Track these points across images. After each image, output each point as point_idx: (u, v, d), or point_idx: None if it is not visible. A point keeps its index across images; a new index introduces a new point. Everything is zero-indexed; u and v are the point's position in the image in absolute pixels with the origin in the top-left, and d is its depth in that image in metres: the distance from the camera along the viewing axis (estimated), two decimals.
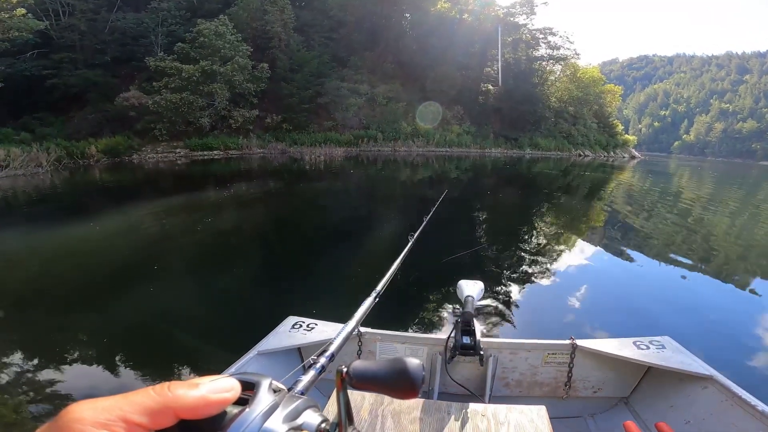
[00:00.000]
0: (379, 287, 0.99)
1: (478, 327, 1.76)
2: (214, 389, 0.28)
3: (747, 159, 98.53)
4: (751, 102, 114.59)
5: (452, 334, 1.76)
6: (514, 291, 4.56)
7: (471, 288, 1.83)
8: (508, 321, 3.82)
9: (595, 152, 35.74)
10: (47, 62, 22.24)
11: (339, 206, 10.04)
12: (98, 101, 21.85)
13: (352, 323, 0.75)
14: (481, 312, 3.87)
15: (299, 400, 0.34)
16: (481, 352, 1.68)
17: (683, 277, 5.55)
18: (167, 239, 6.64)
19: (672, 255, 6.68)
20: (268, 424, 0.29)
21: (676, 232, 8.62)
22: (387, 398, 1.28)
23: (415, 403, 1.29)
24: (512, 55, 34.95)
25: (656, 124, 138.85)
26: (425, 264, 4.97)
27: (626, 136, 45.10)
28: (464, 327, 1.72)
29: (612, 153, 37.63)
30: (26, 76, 21.44)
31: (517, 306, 4.17)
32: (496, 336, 3.45)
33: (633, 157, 40.69)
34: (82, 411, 0.24)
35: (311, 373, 0.52)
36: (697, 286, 5.22)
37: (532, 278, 5.09)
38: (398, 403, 1.28)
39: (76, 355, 3.18)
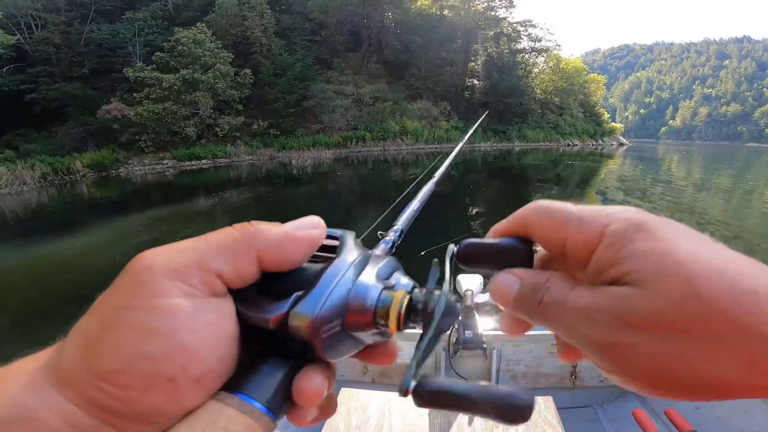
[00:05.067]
0: None
1: (480, 321, 1.71)
2: (298, 226, 0.25)
3: (734, 141, 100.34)
4: (733, 86, 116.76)
5: (454, 329, 1.69)
6: None
7: (470, 282, 1.84)
8: None
9: (583, 141, 36.11)
10: (24, 77, 21.94)
11: (328, 209, 9.94)
12: (79, 114, 21.50)
13: None
14: (482, 305, 3.78)
15: (387, 259, 0.27)
16: (484, 346, 1.64)
17: None
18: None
19: None
20: (362, 278, 0.24)
21: (669, 215, 8.63)
22: (394, 395, 1.22)
23: None
24: (495, 48, 35.15)
25: (642, 111, 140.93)
26: (416, 258, 4.87)
27: (613, 124, 45.58)
28: (465, 321, 1.67)
29: (600, 141, 38.04)
30: (4, 91, 21.13)
31: None
32: (499, 329, 3.36)
33: (621, 144, 41.13)
34: (153, 256, 0.20)
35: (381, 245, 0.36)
36: None
37: None
38: (404, 400, 1.19)
39: None
